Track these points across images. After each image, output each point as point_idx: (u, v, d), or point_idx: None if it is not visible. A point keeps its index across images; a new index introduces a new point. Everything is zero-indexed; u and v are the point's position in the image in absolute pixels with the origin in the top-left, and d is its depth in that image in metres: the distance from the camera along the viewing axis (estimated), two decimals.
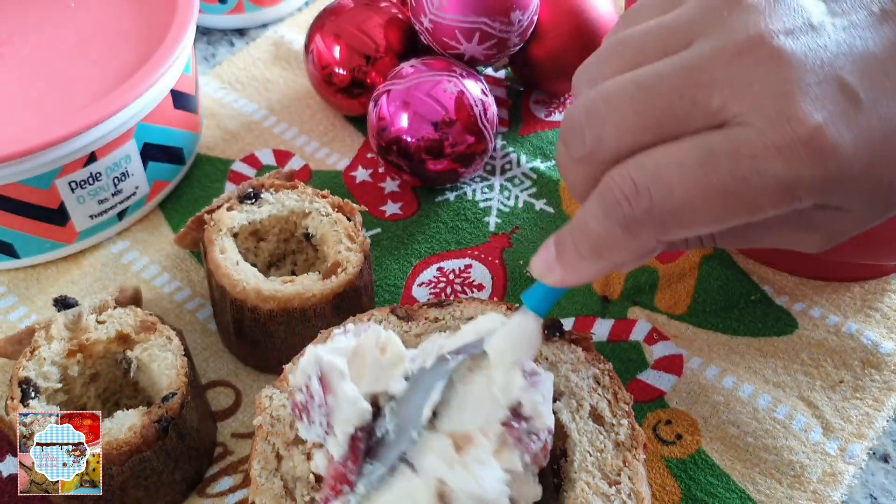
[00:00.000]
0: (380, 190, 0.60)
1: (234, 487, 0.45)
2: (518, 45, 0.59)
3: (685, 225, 0.30)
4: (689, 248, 0.38)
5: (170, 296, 0.54)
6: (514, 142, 0.63)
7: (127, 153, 0.54)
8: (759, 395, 0.48)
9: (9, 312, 0.53)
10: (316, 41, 0.61)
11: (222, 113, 0.66)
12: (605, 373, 0.41)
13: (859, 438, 0.46)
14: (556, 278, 0.34)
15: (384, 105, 0.56)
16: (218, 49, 0.73)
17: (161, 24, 0.58)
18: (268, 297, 0.45)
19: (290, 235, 0.52)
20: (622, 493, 0.37)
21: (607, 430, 0.39)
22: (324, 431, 0.36)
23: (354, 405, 0.36)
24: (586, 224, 0.32)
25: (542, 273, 0.35)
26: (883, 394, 0.48)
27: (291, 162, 0.62)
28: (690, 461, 0.45)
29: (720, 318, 0.52)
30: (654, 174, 0.29)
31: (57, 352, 0.43)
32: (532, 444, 0.36)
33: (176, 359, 0.43)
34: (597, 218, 0.31)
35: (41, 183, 0.51)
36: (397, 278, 0.55)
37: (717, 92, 0.29)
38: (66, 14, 0.61)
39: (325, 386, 0.36)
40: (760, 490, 0.44)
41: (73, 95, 0.55)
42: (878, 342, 0.49)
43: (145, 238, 0.58)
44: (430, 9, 0.57)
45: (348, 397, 0.36)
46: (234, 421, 0.48)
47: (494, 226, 0.58)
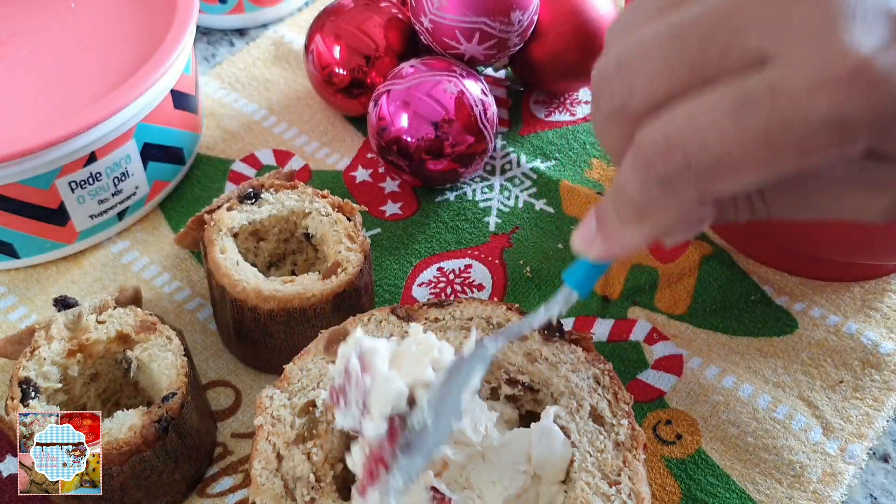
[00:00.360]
0: (380, 190, 0.60)
1: (235, 487, 0.45)
2: (518, 45, 0.59)
3: (726, 178, 0.27)
4: (741, 218, 0.34)
5: (170, 296, 0.54)
6: (514, 142, 0.63)
7: (127, 153, 0.54)
8: (759, 395, 0.48)
9: (9, 312, 0.53)
10: (316, 41, 0.61)
11: (222, 113, 0.66)
12: (605, 373, 0.41)
13: (859, 438, 0.46)
14: (598, 250, 0.32)
15: (384, 105, 0.56)
16: (218, 49, 0.73)
17: (161, 24, 0.58)
18: (268, 297, 0.45)
19: (290, 235, 0.52)
20: (622, 494, 0.37)
21: (607, 431, 0.39)
22: (360, 412, 0.36)
23: (391, 384, 0.35)
24: (623, 187, 0.29)
25: (583, 247, 0.32)
26: (883, 394, 0.48)
27: (291, 162, 0.62)
28: (690, 461, 0.45)
29: (720, 317, 0.52)
30: (687, 126, 0.27)
31: (57, 352, 0.43)
32: None
33: (176, 359, 0.43)
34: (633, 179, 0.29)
35: (41, 183, 0.51)
36: (397, 278, 0.55)
37: (753, 30, 0.26)
38: (67, 14, 0.61)
39: (363, 365, 0.36)
40: (760, 490, 0.44)
41: (73, 95, 0.55)
42: (878, 342, 0.49)
43: (145, 238, 0.58)
44: (430, 9, 0.57)
45: (385, 377, 0.36)
46: (234, 421, 0.48)
47: (494, 226, 0.58)
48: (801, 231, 0.47)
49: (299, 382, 0.41)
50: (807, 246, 0.49)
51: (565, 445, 0.39)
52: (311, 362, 0.42)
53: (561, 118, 0.65)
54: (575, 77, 0.64)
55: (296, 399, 0.41)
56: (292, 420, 0.40)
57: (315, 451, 0.39)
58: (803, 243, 0.49)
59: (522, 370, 0.42)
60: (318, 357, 0.42)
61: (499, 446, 0.38)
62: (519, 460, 0.38)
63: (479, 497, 0.38)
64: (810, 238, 0.47)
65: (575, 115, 0.65)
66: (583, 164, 0.62)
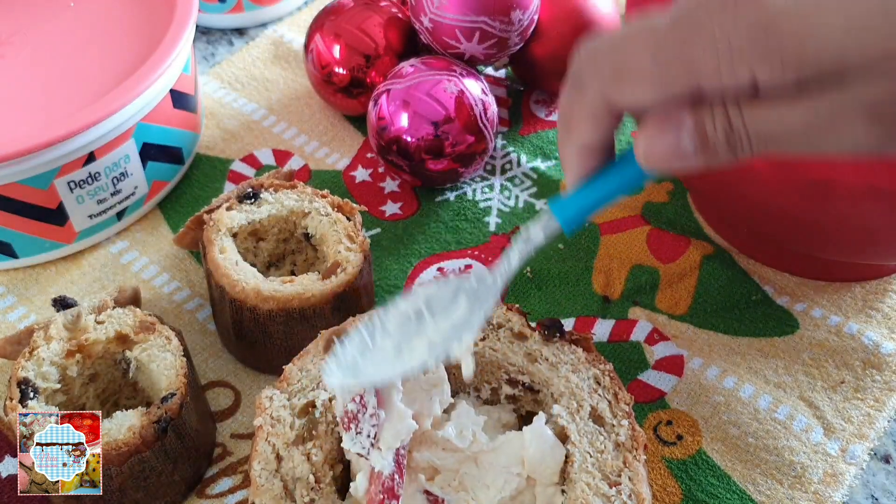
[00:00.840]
0: (380, 190, 0.60)
1: (234, 488, 0.45)
2: (518, 45, 0.59)
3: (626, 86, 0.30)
4: (724, 157, 0.32)
5: (169, 296, 0.54)
6: (514, 141, 0.63)
7: (126, 153, 0.54)
8: (760, 395, 0.48)
9: (8, 312, 0.53)
10: (315, 41, 0.61)
11: (222, 112, 0.66)
12: (605, 373, 0.41)
13: (860, 439, 0.46)
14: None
15: (384, 105, 0.56)
16: (217, 48, 0.73)
17: (160, 23, 0.57)
18: (267, 298, 0.45)
19: (290, 235, 0.52)
20: (623, 494, 0.37)
21: (608, 431, 0.39)
22: (370, 443, 0.37)
23: (403, 421, 0.37)
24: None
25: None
26: (884, 394, 0.47)
27: (291, 162, 0.62)
28: (691, 462, 0.45)
29: (721, 318, 0.52)
30: (606, 42, 0.31)
31: (56, 352, 0.43)
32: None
33: (175, 359, 0.43)
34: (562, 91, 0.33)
35: (40, 183, 0.51)
36: (397, 278, 0.55)
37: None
38: (66, 14, 0.61)
39: (379, 398, 0.37)
40: (761, 491, 0.44)
41: (73, 95, 0.55)
42: (880, 342, 0.49)
43: (144, 238, 0.57)
44: (430, 8, 0.57)
45: (400, 412, 0.37)
46: (233, 421, 0.48)
47: (494, 226, 0.58)
48: (801, 231, 0.47)
49: (299, 383, 0.41)
50: (807, 246, 0.49)
51: (557, 447, 0.39)
52: (311, 363, 0.42)
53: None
54: None
55: (295, 400, 0.40)
56: (292, 421, 0.40)
57: (315, 452, 0.39)
58: (804, 243, 0.48)
59: (523, 370, 0.42)
60: (317, 357, 0.42)
61: (490, 450, 0.39)
62: (512, 463, 0.39)
63: (473, 500, 0.38)
64: (811, 238, 0.47)
65: None
66: None
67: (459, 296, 0.37)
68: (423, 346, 0.36)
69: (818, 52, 0.26)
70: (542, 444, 0.38)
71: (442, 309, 0.37)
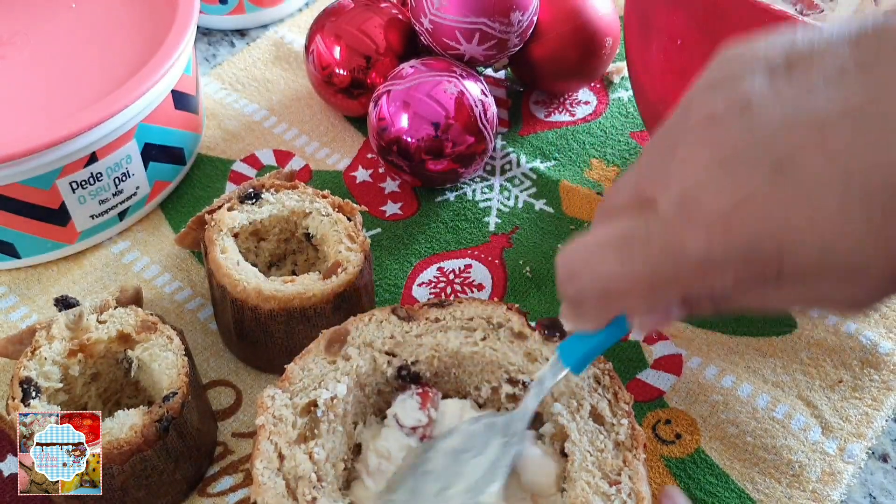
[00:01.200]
0: (380, 190, 0.60)
1: (235, 487, 0.45)
2: (518, 46, 0.59)
3: (620, 302, 0.31)
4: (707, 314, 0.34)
5: (170, 296, 0.54)
6: (514, 142, 0.63)
7: (128, 153, 0.54)
8: (759, 394, 0.48)
9: (10, 312, 0.53)
10: (316, 42, 0.61)
11: (223, 113, 0.66)
12: (605, 372, 0.42)
13: (858, 438, 0.46)
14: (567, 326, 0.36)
15: (384, 105, 0.56)
16: (218, 49, 0.73)
17: (162, 24, 0.58)
18: (268, 297, 0.46)
19: (291, 235, 0.52)
20: (622, 493, 0.37)
21: (607, 430, 0.40)
22: None
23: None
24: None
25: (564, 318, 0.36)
26: (882, 393, 0.48)
27: (292, 162, 0.62)
28: (690, 460, 0.45)
29: (719, 317, 0.52)
30: (581, 259, 0.31)
31: (58, 351, 0.44)
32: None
33: (177, 358, 0.44)
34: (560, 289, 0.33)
35: (42, 183, 0.51)
36: (397, 278, 0.55)
37: (647, 175, 0.30)
38: (68, 15, 0.61)
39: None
40: (759, 489, 0.44)
41: (74, 96, 0.55)
42: (877, 342, 0.50)
43: (146, 238, 0.58)
44: (430, 9, 0.57)
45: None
46: (234, 420, 0.48)
47: (494, 226, 0.58)
48: None
49: (301, 382, 0.41)
50: None
51: (547, 458, 0.40)
52: (312, 362, 0.42)
53: (561, 118, 0.65)
54: (574, 77, 0.64)
55: (297, 399, 0.41)
56: (294, 420, 0.40)
57: (317, 451, 0.39)
58: None
59: (523, 370, 0.42)
60: (318, 357, 0.42)
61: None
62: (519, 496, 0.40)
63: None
64: None
65: (574, 115, 0.65)
66: (582, 164, 0.62)
67: (491, 439, 0.39)
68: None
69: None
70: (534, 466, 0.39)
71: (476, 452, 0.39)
